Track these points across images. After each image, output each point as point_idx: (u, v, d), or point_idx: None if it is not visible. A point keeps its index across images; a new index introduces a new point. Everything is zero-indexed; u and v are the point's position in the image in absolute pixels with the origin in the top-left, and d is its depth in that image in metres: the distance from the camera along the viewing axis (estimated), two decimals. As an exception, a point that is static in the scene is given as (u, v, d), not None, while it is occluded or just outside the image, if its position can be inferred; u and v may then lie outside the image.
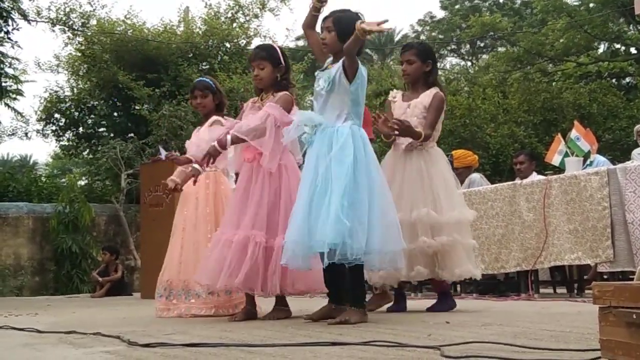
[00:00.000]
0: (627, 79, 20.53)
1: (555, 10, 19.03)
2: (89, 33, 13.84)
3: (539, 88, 16.52)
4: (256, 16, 14.70)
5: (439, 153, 4.40)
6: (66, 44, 14.20)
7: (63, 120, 14.43)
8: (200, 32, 14.18)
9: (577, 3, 20.41)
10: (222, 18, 14.42)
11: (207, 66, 13.75)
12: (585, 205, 5.37)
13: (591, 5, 19.76)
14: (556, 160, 6.46)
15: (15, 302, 7.91)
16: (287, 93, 4.10)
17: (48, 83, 27.51)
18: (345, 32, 3.60)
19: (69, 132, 14.62)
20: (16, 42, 12.36)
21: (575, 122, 7.07)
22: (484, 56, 28.24)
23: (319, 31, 3.83)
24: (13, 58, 14.88)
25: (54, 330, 3.46)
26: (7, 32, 11.75)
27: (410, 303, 4.66)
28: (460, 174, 6.32)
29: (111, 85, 13.36)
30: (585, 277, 6.24)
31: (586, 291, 5.85)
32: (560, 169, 6.51)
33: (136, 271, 11.25)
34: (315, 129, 3.62)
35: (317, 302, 5.00)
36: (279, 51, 4.20)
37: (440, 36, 27.24)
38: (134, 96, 12.76)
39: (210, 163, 4.11)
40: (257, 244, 3.85)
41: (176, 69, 13.10)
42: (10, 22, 11.67)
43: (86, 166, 15.91)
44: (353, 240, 3.32)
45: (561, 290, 6.65)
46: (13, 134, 15.82)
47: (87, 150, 14.80)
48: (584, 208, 5.37)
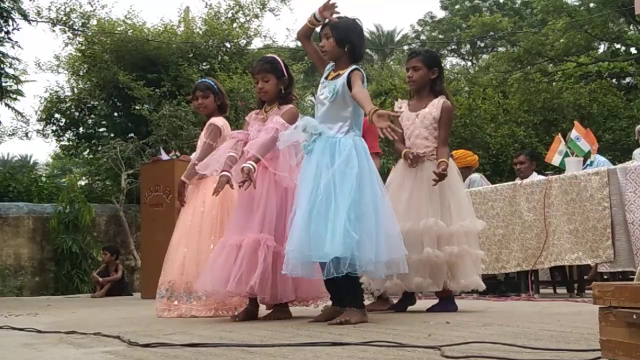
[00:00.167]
0: (627, 79, 20.51)
1: (555, 10, 19.03)
2: (89, 33, 13.85)
3: (539, 88, 16.51)
4: (256, 16, 14.72)
5: (449, 163, 4.37)
6: (66, 44, 14.22)
7: (63, 120, 14.43)
8: (200, 32, 14.19)
9: (577, 3, 20.41)
10: (223, 18, 14.43)
11: (208, 66, 13.75)
12: (585, 205, 5.36)
13: (591, 5, 19.76)
14: (556, 160, 6.46)
15: (15, 302, 7.90)
16: (293, 107, 4.12)
17: (48, 83, 27.60)
18: (343, 38, 3.61)
19: (69, 132, 14.63)
20: (16, 42, 12.41)
21: (575, 122, 7.07)
22: (484, 56, 28.24)
23: (319, 40, 3.83)
24: (13, 58, 14.93)
25: (54, 330, 3.46)
26: (8, 32, 11.77)
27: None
28: (460, 174, 6.30)
29: (111, 85, 13.37)
30: (585, 277, 6.24)
31: (586, 291, 5.85)
32: (560, 169, 6.51)
33: (136, 271, 11.25)
34: (314, 137, 3.60)
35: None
36: (282, 63, 4.20)
37: (440, 36, 27.24)
38: (134, 96, 12.76)
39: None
40: (269, 248, 3.81)
41: (176, 69, 13.10)
42: (10, 22, 11.70)
43: (86, 166, 15.91)
44: (361, 253, 3.33)
45: (561, 290, 6.65)
46: (13, 134, 15.85)
47: (88, 150, 14.81)
48: (584, 208, 5.37)
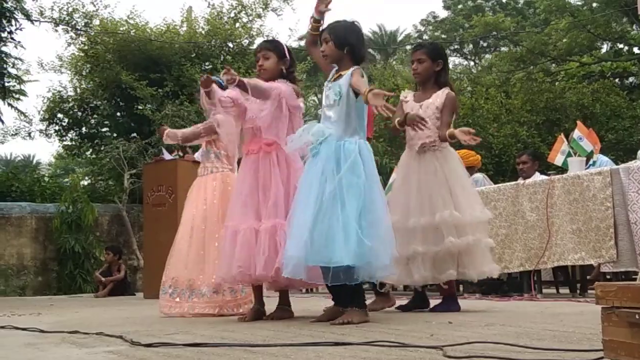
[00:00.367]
0: (630, 79, 20.51)
1: (558, 10, 19.03)
2: (92, 33, 13.88)
3: (542, 88, 16.52)
4: (259, 16, 14.74)
5: (452, 153, 4.38)
6: (69, 44, 14.27)
7: (66, 120, 14.47)
8: (203, 32, 14.21)
9: (580, 3, 20.40)
10: (225, 18, 14.45)
11: (210, 66, 13.77)
12: (588, 205, 5.36)
13: (594, 5, 19.75)
14: (559, 160, 6.45)
15: (18, 302, 7.92)
16: (294, 85, 4.06)
17: (51, 83, 27.58)
18: (341, 39, 3.63)
19: (72, 132, 14.66)
20: (19, 42, 12.42)
21: (578, 122, 7.06)
22: (487, 56, 28.25)
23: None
24: (16, 58, 14.91)
25: (57, 330, 3.46)
26: (10, 32, 11.79)
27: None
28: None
29: (114, 85, 13.39)
30: (588, 277, 6.23)
31: (589, 291, 5.83)
32: (563, 169, 6.50)
33: (139, 271, 11.27)
34: (320, 140, 3.57)
35: (318, 302, 5.01)
36: (285, 46, 4.18)
37: (443, 36, 27.24)
38: (137, 96, 12.78)
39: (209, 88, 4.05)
40: (285, 233, 3.71)
41: (179, 69, 13.12)
42: (13, 22, 11.72)
43: (89, 166, 15.95)
44: (377, 259, 3.31)
45: (564, 290, 6.64)
46: (16, 134, 15.91)
47: (90, 150, 14.84)
48: (587, 208, 5.36)
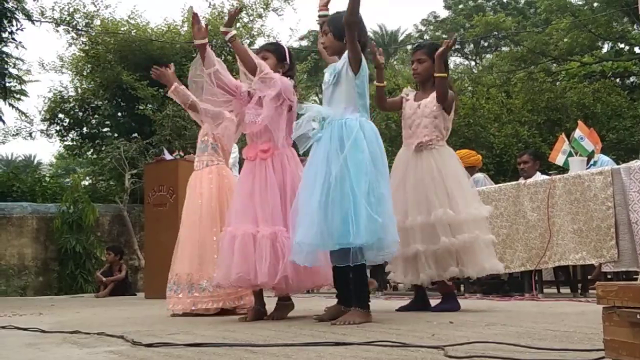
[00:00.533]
0: (631, 79, 20.50)
1: (559, 9, 19.03)
2: (93, 33, 13.88)
3: (543, 88, 16.50)
4: (260, 16, 14.75)
5: (449, 151, 4.38)
6: (70, 44, 14.26)
7: (67, 120, 14.46)
8: (203, 32, 14.19)
9: (581, 2, 20.39)
10: (226, 18, 14.45)
11: (211, 66, 13.75)
12: (589, 205, 5.35)
13: (595, 4, 19.75)
14: (560, 160, 6.45)
15: (19, 302, 7.92)
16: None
17: (52, 83, 27.62)
18: (339, 30, 3.63)
19: (73, 132, 14.66)
20: (20, 43, 12.42)
21: (579, 122, 7.07)
22: (488, 56, 28.26)
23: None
24: (17, 58, 14.95)
25: (58, 330, 3.46)
26: (11, 33, 11.80)
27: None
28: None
29: (115, 85, 13.38)
30: (589, 277, 6.23)
31: (590, 291, 5.83)
32: (564, 169, 6.50)
33: (140, 271, 11.27)
34: (322, 124, 3.56)
35: (320, 302, 5.01)
36: (286, 50, 4.18)
37: (444, 36, 27.19)
38: (138, 96, 12.77)
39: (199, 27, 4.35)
40: (286, 239, 3.74)
41: (180, 69, 13.06)
42: (14, 23, 11.72)
43: (90, 166, 15.95)
44: (386, 235, 3.31)
45: (565, 290, 6.64)
46: (17, 134, 15.89)
47: (91, 150, 14.84)
48: (588, 208, 5.35)
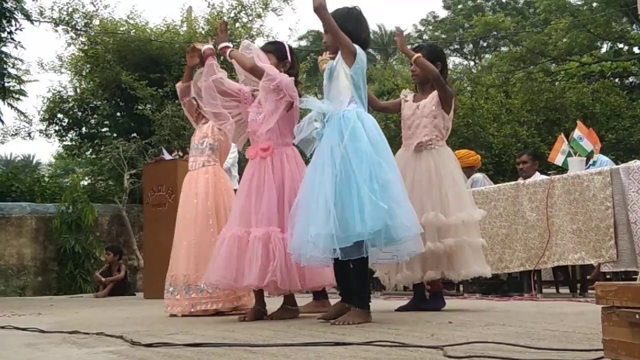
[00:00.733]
0: (630, 79, 20.51)
1: (558, 9, 19.04)
2: (92, 33, 13.87)
3: (542, 88, 16.49)
4: (259, 16, 14.74)
5: (449, 152, 4.39)
6: (69, 44, 14.26)
7: (66, 120, 14.45)
8: (203, 32, 14.19)
9: (580, 2, 20.41)
10: (225, 18, 14.43)
11: (210, 66, 13.75)
12: (588, 205, 5.36)
13: (594, 4, 19.76)
14: (559, 160, 6.45)
15: (18, 302, 7.92)
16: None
17: (51, 83, 27.56)
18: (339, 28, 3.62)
19: (72, 132, 14.65)
20: (19, 43, 12.40)
21: (578, 122, 7.07)
22: (487, 56, 28.27)
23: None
24: (16, 58, 14.93)
25: (57, 330, 3.46)
26: (10, 33, 11.77)
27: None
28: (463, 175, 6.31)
29: (114, 85, 13.38)
30: (588, 277, 6.23)
31: (589, 291, 5.84)
32: (563, 169, 6.50)
33: (139, 271, 11.27)
34: (323, 122, 3.57)
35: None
36: (287, 48, 4.17)
37: (443, 36, 27.26)
38: (137, 96, 12.77)
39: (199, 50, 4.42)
40: (279, 240, 3.75)
41: (179, 69, 13.09)
42: (13, 22, 11.69)
43: (89, 166, 15.94)
44: (394, 221, 3.23)
45: (564, 290, 6.64)
46: (16, 134, 15.87)
47: (90, 150, 14.83)
48: (587, 208, 5.36)
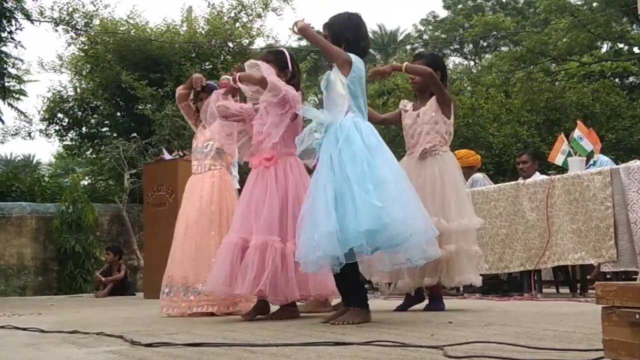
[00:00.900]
0: (630, 79, 20.51)
1: (558, 9, 19.04)
2: (92, 33, 13.87)
3: (542, 88, 16.49)
4: (259, 16, 14.73)
5: (452, 158, 4.39)
6: (69, 44, 14.26)
7: (66, 120, 14.46)
8: (203, 32, 14.20)
9: (580, 2, 20.41)
10: (225, 18, 14.44)
11: (210, 66, 13.77)
12: (588, 205, 5.36)
13: (594, 4, 19.76)
14: (559, 160, 6.45)
15: (18, 302, 7.92)
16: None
17: (51, 83, 27.65)
18: (337, 36, 3.63)
19: (72, 132, 14.65)
20: (19, 42, 12.39)
21: (578, 122, 7.07)
22: (487, 56, 28.26)
23: None
24: (16, 58, 14.95)
25: (57, 330, 3.46)
26: (10, 32, 11.76)
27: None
28: (463, 174, 6.31)
29: (114, 85, 13.38)
30: (588, 277, 6.23)
31: (589, 291, 5.83)
32: (563, 169, 6.50)
33: (139, 271, 11.27)
34: (322, 131, 3.57)
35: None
36: (288, 56, 4.17)
37: (443, 36, 27.25)
38: (137, 96, 12.77)
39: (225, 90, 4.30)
40: (276, 250, 3.77)
41: (179, 69, 13.11)
42: (13, 22, 11.69)
43: (89, 166, 15.95)
44: (392, 218, 3.18)
45: (564, 290, 6.64)
46: (16, 134, 15.90)
47: (90, 150, 14.84)
48: (587, 208, 5.36)
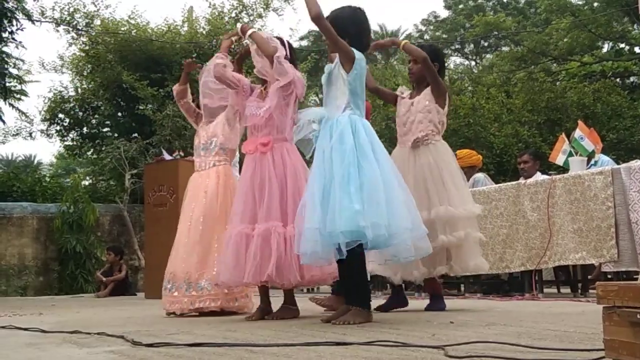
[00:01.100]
0: (631, 79, 20.50)
1: (559, 9, 19.03)
2: (93, 33, 13.87)
3: (543, 87, 16.50)
4: (260, 16, 14.74)
5: (445, 147, 4.39)
6: (70, 44, 14.26)
7: (67, 120, 14.46)
8: (204, 32, 14.20)
9: (581, 2, 20.39)
10: (226, 18, 14.44)
11: (211, 66, 13.74)
12: (589, 205, 5.35)
13: (595, 4, 19.75)
14: (560, 159, 6.45)
15: (19, 302, 7.93)
16: None
17: (52, 83, 27.63)
18: (340, 32, 3.60)
19: (73, 132, 14.66)
20: (20, 43, 12.40)
21: (579, 122, 7.07)
22: (488, 56, 28.26)
23: None
24: (17, 58, 14.95)
25: (58, 330, 3.46)
26: (11, 33, 11.77)
27: (412, 303, 4.68)
28: (464, 174, 6.30)
29: (115, 85, 13.38)
30: (589, 277, 6.23)
31: (590, 291, 5.84)
32: (564, 169, 6.50)
33: (140, 271, 11.28)
34: (321, 124, 3.60)
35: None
36: (286, 44, 4.18)
37: (444, 36, 27.25)
38: (138, 96, 12.77)
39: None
40: (279, 235, 3.77)
41: (180, 69, 13.09)
42: (14, 23, 11.70)
43: (90, 166, 15.96)
44: (367, 221, 3.19)
45: (565, 290, 6.64)
46: (17, 134, 15.89)
47: (91, 150, 14.84)
48: (588, 208, 5.36)
